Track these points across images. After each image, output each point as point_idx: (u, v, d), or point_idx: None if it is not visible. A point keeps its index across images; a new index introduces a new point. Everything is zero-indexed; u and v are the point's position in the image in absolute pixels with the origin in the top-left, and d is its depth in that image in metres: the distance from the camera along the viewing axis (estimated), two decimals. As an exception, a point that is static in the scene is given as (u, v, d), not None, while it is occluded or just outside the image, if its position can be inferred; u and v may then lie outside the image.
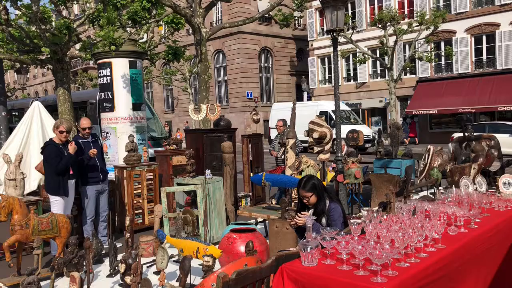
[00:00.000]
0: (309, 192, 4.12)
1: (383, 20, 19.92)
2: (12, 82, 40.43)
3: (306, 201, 4.15)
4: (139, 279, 3.86)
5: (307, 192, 4.13)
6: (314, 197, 4.12)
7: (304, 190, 4.14)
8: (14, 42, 11.20)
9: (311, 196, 4.12)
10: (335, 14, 7.46)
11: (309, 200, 4.13)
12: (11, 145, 8.41)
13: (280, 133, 8.64)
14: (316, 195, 4.12)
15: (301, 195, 4.17)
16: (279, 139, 8.49)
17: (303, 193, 4.14)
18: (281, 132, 8.55)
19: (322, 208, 4.10)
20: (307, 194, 4.13)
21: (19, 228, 4.92)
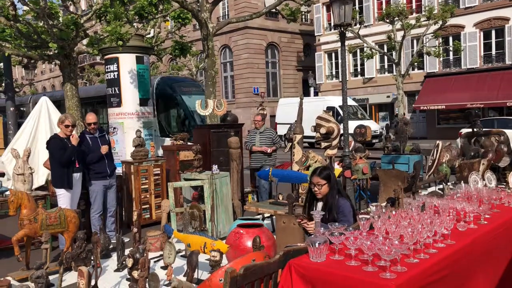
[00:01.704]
0: (324, 179, 4.06)
1: (390, 15, 19.81)
2: (20, 77, 40.65)
3: (317, 189, 4.07)
4: (146, 273, 3.87)
5: (322, 179, 4.06)
6: (327, 187, 4.06)
7: (320, 176, 4.07)
8: (22, 38, 11.24)
9: (324, 184, 4.06)
10: (342, 9, 7.41)
11: (321, 189, 4.07)
12: (20, 140, 8.46)
13: (258, 128, 8.36)
14: (328, 186, 4.08)
15: (314, 182, 4.10)
16: (258, 135, 8.24)
17: (317, 179, 4.07)
18: (260, 128, 8.32)
19: (331, 201, 4.06)
20: (321, 181, 4.06)
21: (27, 222, 4.95)
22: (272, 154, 8.19)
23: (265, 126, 8.38)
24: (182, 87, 16.89)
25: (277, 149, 8.36)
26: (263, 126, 8.32)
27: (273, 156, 8.25)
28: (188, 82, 18.30)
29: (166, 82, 16.95)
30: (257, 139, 8.23)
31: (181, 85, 17.20)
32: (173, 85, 16.77)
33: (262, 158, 8.16)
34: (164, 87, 16.54)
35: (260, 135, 8.24)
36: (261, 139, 8.20)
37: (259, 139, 8.21)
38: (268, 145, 8.15)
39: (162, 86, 16.62)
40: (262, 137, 8.21)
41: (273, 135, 8.29)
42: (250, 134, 8.49)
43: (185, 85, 17.36)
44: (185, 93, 16.58)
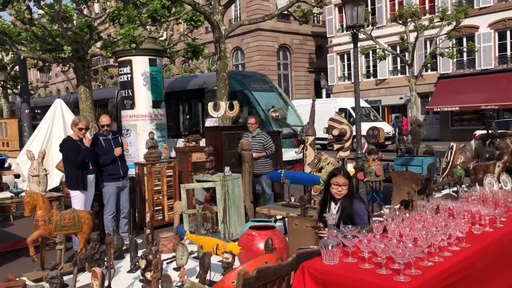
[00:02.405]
0: (348, 179, 4.01)
1: (403, 16, 19.65)
2: (35, 80, 41.18)
3: (342, 189, 4.01)
4: (159, 275, 3.89)
5: (346, 178, 4.00)
6: (347, 188, 4.02)
7: (344, 176, 4.01)
8: (37, 41, 11.41)
9: (347, 184, 4.00)
10: (355, 10, 7.37)
11: (342, 190, 4.01)
12: (34, 142, 8.57)
13: (251, 131, 7.80)
14: (348, 187, 4.03)
15: (339, 182, 4.01)
16: (250, 139, 7.65)
17: (342, 180, 3.99)
18: (253, 131, 7.77)
19: (349, 203, 4.00)
20: (346, 182, 4.00)
21: (42, 223, 5.01)
22: (262, 160, 7.65)
23: (258, 130, 7.85)
24: (252, 83, 15.26)
25: (270, 155, 7.75)
26: (256, 130, 7.79)
27: (262, 161, 7.67)
28: (258, 78, 16.51)
29: (235, 77, 15.15)
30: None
31: (251, 80, 15.54)
32: (243, 81, 15.18)
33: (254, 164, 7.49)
34: (233, 83, 14.55)
35: (252, 139, 7.71)
36: (252, 143, 7.63)
37: (251, 143, 7.63)
38: (259, 150, 7.62)
39: (230, 81, 14.70)
40: (253, 142, 7.68)
41: (264, 140, 7.70)
42: (244, 138, 7.95)
43: (255, 81, 15.66)
44: (256, 90, 15.01)
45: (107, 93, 20.26)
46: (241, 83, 15.09)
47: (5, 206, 6.02)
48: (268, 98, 15.37)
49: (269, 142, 7.75)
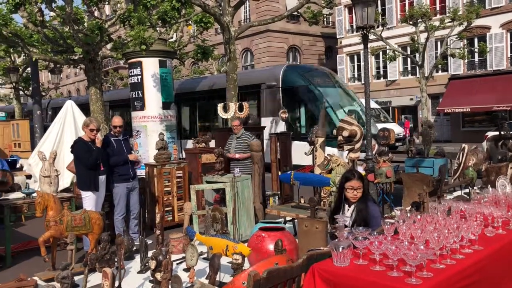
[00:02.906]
0: (362, 182, 3.98)
1: (414, 17, 19.54)
2: (46, 82, 41.59)
3: (357, 193, 3.98)
4: (169, 275, 3.90)
5: (360, 182, 3.97)
6: (361, 190, 4.00)
7: (358, 180, 3.98)
8: (48, 43, 11.51)
9: (361, 187, 3.97)
10: (365, 11, 7.34)
11: (358, 193, 3.98)
12: (46, 143, 8.64)
13: (236, 133, 7.66)
14: (362, 189, 4.01)
15: (354, 186, 3.98)
16: (235, 140, 7.59)
17: (357, 183, 3.97)
18: (237, 133, 7.63)
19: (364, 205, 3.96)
20: (360, 185, 3.97)
21: (53, 224, 5.04)
22: (246, 161, 7.46)
23: (243, 131, 7.69)
24: (315, 77, 13.75)
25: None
26: (240, 131, 7.64)
27: (247, 163, 7.48)
28: (320, 71, 14.99)
29: (296, 70, 13.85)
30: (233, 145, 7.63)
31: (313, 74, 14.01)
32: (305, 75, 13.70)
33: (236, 165, 7.37)
34: (294, 77, 13.41)
35: (237, 140, 7.60)
36: (237, 144, 7.57)
37: (235, 144, 7.59)
38: (243, 151, 7.49)
39: (291, 76, 13.47)
40: (238, 143, 7.57)
41: (248, 141, 7.51)
42: (229, 139, 7.90)
43: (317, 75, 14.12)
44: (320, 85, 13.51)
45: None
46: (304, 77, 13.52)
47: (17, 206, 6.07)
48: (335, 96, 13.83)
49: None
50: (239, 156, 7.42)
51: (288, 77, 13.30)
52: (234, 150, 7.54)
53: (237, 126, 7.68)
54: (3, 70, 19.97)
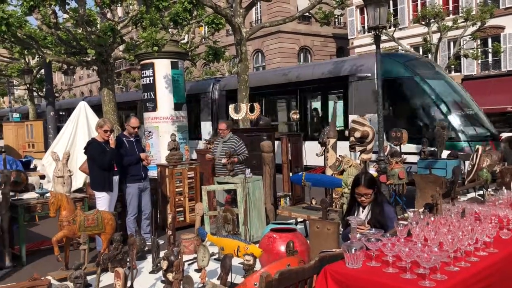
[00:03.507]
0: (371, 188, 3.91)
1: (426, 17, 19.39)
2: (60, 83, 42.02)
3: (365, 199, 3.93)
4: (181, 276, 3.90)
5: (369, 188, 3.90)
6: (371, 195, 3.94)
7: (366, 186, 3.90)
8: (62, 45, 11.63)
9: (372, 193, 3.92)
10: (377, 11, 7.31)
11: (366, 199, 3.93)
12: (59, 144, 8.73)
13: (222, 136, 7.41)
14: (374, 193, 3.95)
15: (361, 193, 3.93)
16: (221, 144, 7.34)
17: (364, 190, 3.90)
18: (224, 136, 7.37)
19: (379, 208, 3.91)
20: (368, 191, 3.91)
21: (66, 224, 5.09)
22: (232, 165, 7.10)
23: (230, 135, 7.43)
24: (421, 67, 11.72)
25: (241, 161, 7.21)
26: (228, 135, 7.38)
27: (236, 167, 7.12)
28: (423, 61, 13.01)
29: (395, 59, 11.98)
30: (219, 149, 7.36)
31: (418, 63, 11.98)
32: (409, 64, 11.74)
33: (223, 171, 7.11)
34: (394, 67, 11.46)
35: (224, 144, 7.33)
36: (223, 148, 7.28)
37: (222, 148, 7.31)
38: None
39: (389, 65, 11.39)
40: (225, 146, 7.28)
41: (235, 145, 7.25)
42: (215, 143, 7.67)
43: (422, 64, 12.05)
44: (428, 77, 11.42)
45: (201, 87, 18.28)
46: (407, 67, 11.56)
47: (31, 206, 6.14)
48: (444, 90, 11.61)
49: (241, 146, 7.29)
50: (223, 160, 7.06)
51: (389, 65, 11.18)
52: (219, 154, 7.26)
53: (224, 130, 7.38)
54: (18, 71, 20.23)
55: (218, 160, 7.28)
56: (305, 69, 14.69)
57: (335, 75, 12.86)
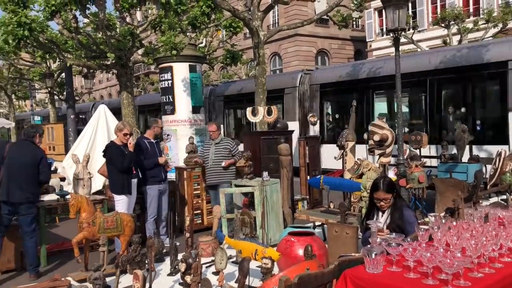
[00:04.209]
0: (390, 193, 3.85)
1: (446, 19, 19.14)
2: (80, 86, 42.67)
3: (384, 203, 3.88)
4: (199, 278, 3.91)
5: (388, 193, 3.84)
6: (389, 200, 3.88)
7: (385, 191, 3.84)
8: (82, 49, 11.81)
9: (391, 197, 3.87)
10: (396, 13, 7.24)
11: (385, 203, 3.87)
12: (79, 146, 8.83)
13: (213, 138, 7.15)
14: (394, 197, 3.89)
15: (379, 198, 3.87)
16: (213, 146, 7.07)
17: (383, 195, 3.84)
18: (215, 138, 7.13)
19: (399, 212, 3.86)
20: (387, 196, 3.85)
21: (86, 225, 5.15)
22: (229, 168, 7.05)
23: (222, 136, 7.27)
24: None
25: (236, 162, 7.15)
26: (219, 137, 7.16)
27: (230, 170, 7.08)
28: None
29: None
30: (212, 152, 7.07)
31: None
32: None
33: (218, 173, 6.99)
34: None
35: (216, 146, 7.06)
36: (217, 151, 7.02)
37: (214, 151, 7.04)
38: (225, 157, 7.01)
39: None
40: (219, 149, 7.03)
41: (230, 146, 7.09)
42: (205, 146, 7.36)
43: None
44: None
45: (282, 81, 15.86)
46: None
47: (51, 208, 6.23)
48: None
49: (236, 147, 7.17)
50: (226, 163, 6.90)
51: None
52: (213, 157, 7.01)
53: (214, 131, 7.12)
54: (40, 75, 20.65)
55: (214, 163, 6.99)
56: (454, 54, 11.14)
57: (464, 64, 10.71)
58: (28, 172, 5.45)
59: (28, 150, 5.55)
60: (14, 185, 5.37)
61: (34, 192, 5.54)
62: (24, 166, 5.44)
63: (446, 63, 10.85)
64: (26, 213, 5.45)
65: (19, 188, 5.38)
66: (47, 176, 5.75)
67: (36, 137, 5.68)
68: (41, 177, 5.57)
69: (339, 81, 12.97)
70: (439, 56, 11.33)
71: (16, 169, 5.41)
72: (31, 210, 5.51)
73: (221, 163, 6.92)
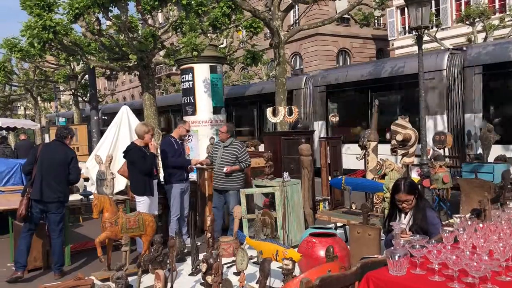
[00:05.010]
0: (411, 194, 3.79)
1: (471, 16, 18.75)
2: (103, 88, 43.35)
3: (406, 205, 3.82)
4: (220, 279, 3.91)
5: (409, 194, 3.78)
6: (411, 201, 3.81)
7: (407, 193, 3.78)
8: (105, 51, 11.98)
9: (413, 199, 3.80)
10: (419, 11, 7.11)
11: (407, 205, 3.81)
12: (102, 147, 8.95)
13: (223, 140, 6.88)
14: (416, 198, 3.82)
15: (401, 199, 3.80)
16: (221, 149, 6.80)
17: (405, 196, 3.78)
18: (224, 140, 6.86)
19: (422, 213, 3.78)
20: (409, 198, 3.78)
21: (109, 225, 5.21)
22: (233, 174, 6.69)
23: (232, 139, 6.87)
24: None
25: (242, 169, 6.77)
26: (229, 139, 6.82)
27: (235, 177, 6.71)
28: None
29: None
30: (220, 154, 6.79)
31: None
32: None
33: (222, 178, 6.70)
34: None
35: (224, 149, 6.77)
36: (224, 154, 6.74)
37: (222, 154, 6.76)
38: (230, 163, 6.66)
39: None
40: (226, 152, 6.74)
41: (238, 151, 6.70)
42: (214, 147, 7.08)
43: None
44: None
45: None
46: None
47: (75, 208, 6.33)
48: None
49: (244, 153, 6.78)
50: (226, 169, 6.60)
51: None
52: (220, 161, 6.75)
53: (224, 133, 6.84)
54: (64, 77, 21.05)
55: (220, 167, 6.74)
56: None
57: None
58: (59, 172, 5.53)
59: (60, 150, 5.65)
60: (46, 184, 5.46)
61: (64, 191, 5.63)
62: (55, 165, 5.52)
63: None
64: (56, 212, 5.54)
65: (50, 188, 5.47)
66: (76, 176, 5.85)
67: (68, 138, 5.78)
68: (71, 177, 5.65)
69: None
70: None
71: (48, 168, 5.50)
72: (60, 209, 5.60)
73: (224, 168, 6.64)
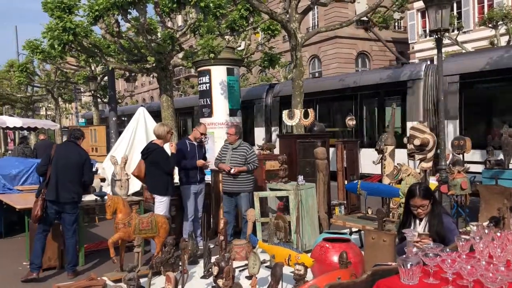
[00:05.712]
0: (427, 199, 3.69)
1: (494, 19, 18.40)
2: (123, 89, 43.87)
3: (422, 211, 3.72)
4: (231, 283, 3.88)
5: (425, 199, 3.68)
6: (427, 207, 3.71)
7: (422, 197, 3.68)
8: (124, 53, 12.09)
9: (428, 204, 3.71)
10: (439, 13, 6.99)
11: (422, 211, 3.71)
12: (119, 148, 9.03)
13: (231, 143, 6.89)
14: (431, 204, 3.72)
15: (416, 204, 3.71)
16: (230, 151, 6.80)
17: (420, 201, 3.68)
18: (232, 142, 6.85)
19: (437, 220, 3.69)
20: (424, 203, 3.69)
21: (122, 226, 5.23)
22: (243, 177, 6.69)
23: (240, 141, 6.87)
24: None
25: (250, 171, 6.78)
26: (238, 141, 6.82)
27: (245, 179, 6.72)
28: None
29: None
30: (228, 157, 6.78)
31: None
32: None
33: (232, 181, 6.70)
34: None
35: (233, 151, 6.77)
36: (233, 156, 6.73)
37: (231, 156, 6.75)
38: (239, 164, 6.65)
39: None
40: (235, 154, 6.73)
41: (247, 153, 6.72)
42: (223, 149, 7.07)
43: None
44: None
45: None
46: None
47: (89, 208, 6.38)
48: None
49: (252, 155, 6.80)
50: (234, 170, 6.58)
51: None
52: (229, 163, 6.72)
53: (232, 134, 6.83)
54: (84, 79, 21.36)
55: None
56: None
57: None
58: (74, 172, 5.59)
59: (75, 151, 5.71)
60: (61, 185, 5.51)
61: (78, 192, 5.68)
62: (70, 166, 5.58)
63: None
64: (70, 212, 5.60)
65: (66, 188, 5.52)
66: (90, 177, 5.90)
67: (80, 139, 5.86)
68: (85, 178, 5.71)
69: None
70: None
71: (64, 169, 5.55)
72: (75, 210, 5.66)
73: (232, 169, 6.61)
